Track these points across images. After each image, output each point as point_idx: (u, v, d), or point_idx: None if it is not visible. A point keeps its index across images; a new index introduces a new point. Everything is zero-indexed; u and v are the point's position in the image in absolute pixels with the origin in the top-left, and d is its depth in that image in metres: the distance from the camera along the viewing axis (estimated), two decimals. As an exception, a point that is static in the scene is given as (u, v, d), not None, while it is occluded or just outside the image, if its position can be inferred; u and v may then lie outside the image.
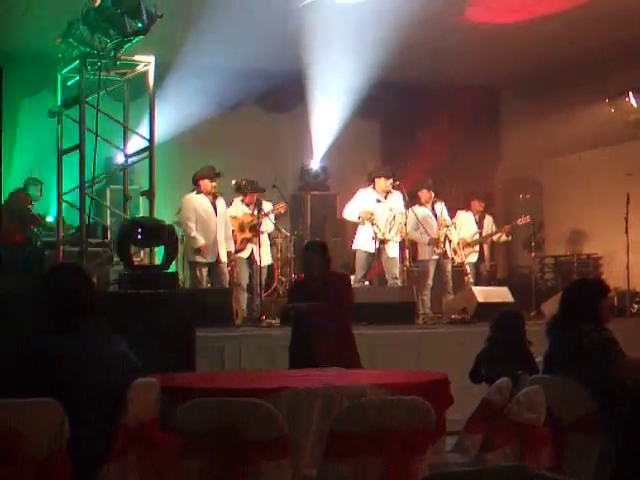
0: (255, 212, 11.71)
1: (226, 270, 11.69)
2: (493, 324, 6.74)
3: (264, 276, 11.75)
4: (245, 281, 11.77)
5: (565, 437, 5.52)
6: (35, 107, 13.34)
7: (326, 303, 7.75)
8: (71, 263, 6.85)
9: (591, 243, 15.31)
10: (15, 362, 4.30)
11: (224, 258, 11.54)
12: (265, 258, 11.80)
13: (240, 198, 12.01)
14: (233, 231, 11.79)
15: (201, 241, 11.29)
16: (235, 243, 11.80)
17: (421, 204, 12.62)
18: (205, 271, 11.43)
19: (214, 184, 11.56)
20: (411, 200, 12.40)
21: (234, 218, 11.89)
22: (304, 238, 15.11)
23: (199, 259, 11.35)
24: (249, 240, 11.77)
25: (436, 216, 12.58)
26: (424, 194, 12.68)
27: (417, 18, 12.55)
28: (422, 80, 16.05)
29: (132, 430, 4.24)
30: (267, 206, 11.87)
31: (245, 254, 11.82)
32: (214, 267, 11.47)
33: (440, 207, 12.67)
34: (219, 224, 11.49)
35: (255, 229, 11.71)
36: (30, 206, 12.30)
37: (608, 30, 13.19)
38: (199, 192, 11.54)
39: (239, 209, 11.93)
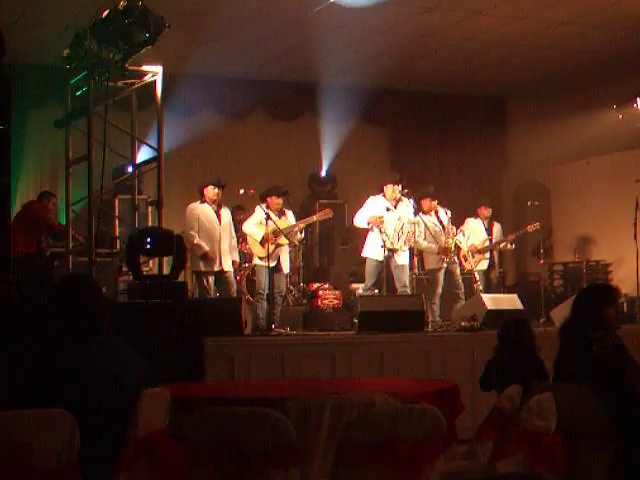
0: (267, 220, 11.49)
1: (233, 279, 11.67)
2: (499, 332, 6.73)
3: (283, 284, 11.71)
4: (265, 290, 11.63)
5: (576, 444, 5.50)
6: (43, 118, 13.38)
7: None
8: (80, 273, 6.87)
9: (600, 249, 15.30)
10: (24, 373, 4.30)
11: (228, 267, 11.51)
12: (286, 266, 11.79)
13: (265, 205, 11.73)
14: (264, 237, 11.60)
15: (205, 247, 11.26)
16: (264, 243, 11.62)
17: (424, 212, 12.56)
18: (212, 280, 11.40)
19: (216, 191, 11.48)
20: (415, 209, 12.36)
21: (260, 224, 11.67)
22: (313, 247, 15.15)
23: (204, 268, 11.33)
24: (280, 247, 11.63)
25: (442, 224, 12.53)
26: (426, 203, 12.60)
27: (424, 28, 12.60)
28: (429, 88, 16.08)
29: (142, 440, 4.24)
30: (289, 214, 11.82)
31: (272, 263, 11.58)
32: (219, 276, 11.45)
33: (444, 215, 12.62)
34: (223, 233, 11.46)
35: (291, 235, 11.65)
36: (49, 215, 12.30)
37: (615, 36, 13.20)
38: (203, 201, 11.52)
39: (264, 216, 11.66)
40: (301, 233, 12.06)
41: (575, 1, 11.88)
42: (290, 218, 11.81)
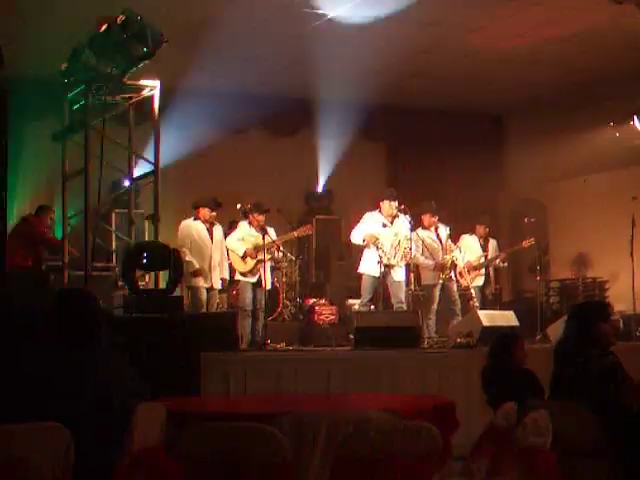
0: (264, 236, 11.60)
1: (217, 297, 11.82)
2: (488, 350, 6.79)
3: (263, 299, 11.71)
4: (250, 306, 11.73)
5: (572, 462, 5.49)
6: (41, 131, 13.37)
7: None
8: (78, 287, 6.86)
9: (596, 266, 15.29)
10: (20, 386, 4.29)
11: (216, 285, 11.61)
12: (268, 282, 11.81)
13: (247, 221, 12.00)
14: (245, 252, 11.75)
15: (196, 265, 11.36)
16: (248, 261, 11.75)
17: (424, 228, 12.58)
18: (205, 295, 11.47)
19: (213, 214, 11.63)
20: (415, 224, 12.37)
21: (242, 240, 11.85)
22: (309, 262, 15.15)
23: (197, 283, 11.40)
24: (260, 262, 11.70)
25: (440, 240, 12.54)
26: (427, 218, 12.63)
27: (422, 45, 12.63)
28: (427, 105, 16.10)
29: (137, 455, 4.23)
30: (271, 232, 11.82)
31: (253, 278, 11.76)
32: (208, 292, 11.54)
33: (444, 231, 12.64)
34: (214, 251, 11.56)
35: (270, 251, 11.71)
36: (47, 229, 12.31)
37: (613, 54, 13.23)
38: (196, 218, 11.60)
39: (247, 232, 11.91)
40: (278, 251, 12.07)
41: (573, 19, 11.91)
42: (272, 235, 11.81)
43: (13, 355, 6.56)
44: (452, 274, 12.49)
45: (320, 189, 15.89)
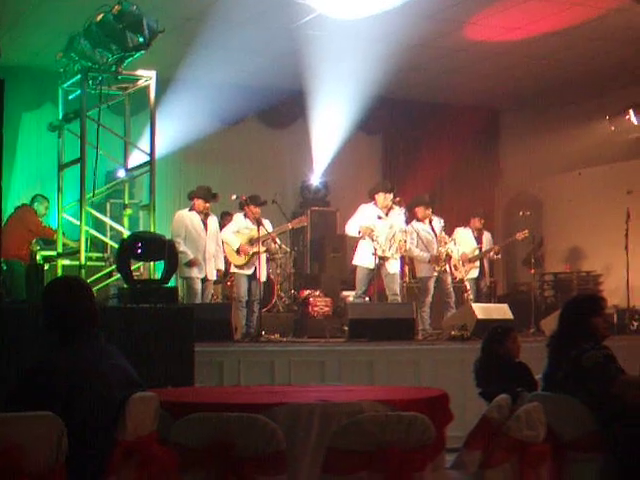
0: (259, 228, 11.59)
1: (212, 287, 11.81)
2: (482, 343, 6.83)
3: (257, 291, 11.73)
4: (245, 297, 11.75)
5: (565, 455, 5.50)
6: (36, 121, 13.37)
7: None
8: (71, 276, 6.84)
9: (591, 260, 15.33)
10: (13, 376, 4.28)
11: (211, 276, 11.60)
12: (263, 274, 11.82)
13: (242, 213, 12.00)
14: (239, 248, 11.77)
15: (190, 255, 11.35)
16: (242, 255, 11.78)
17: (419, 220, 12.58)
18: (199, 286, 11.46)
19: (207, 205, 11.61)
20: (409, 216, 12.38)
21: (237, 233, 11.87)
22: (304, 254, 15.15)
23: (192, 274, 11.40)
24: (255, 255, 11.69)
25: (435, 233, 12.55)
26: (421, 211, 12.63)
27: (416, 38, 12.61)
28: (423, 98, 16.10)
29: (130, 445, 4.22)
30: (266, 223, 11.81)
31: (249, 270, 11.77)
32: (202, 283, 11.55)
33: (437, 223, 12.63)
34: (209, 242, 11.55)
35: (265, 243, 11.72)
36: (41, 219, 12.31)
37: (608, 48, 13.23)
38: (192, 209, 11.59)
39: (242, 224, 11.92)
40: (274, 243, 12.06)
41: (568, 13, 11.91)
42: (268, 227, 11.81)
43: (8, 347, 6.56)
44: (447, 266, 12.49)
45: (315, 181, 15.88)
